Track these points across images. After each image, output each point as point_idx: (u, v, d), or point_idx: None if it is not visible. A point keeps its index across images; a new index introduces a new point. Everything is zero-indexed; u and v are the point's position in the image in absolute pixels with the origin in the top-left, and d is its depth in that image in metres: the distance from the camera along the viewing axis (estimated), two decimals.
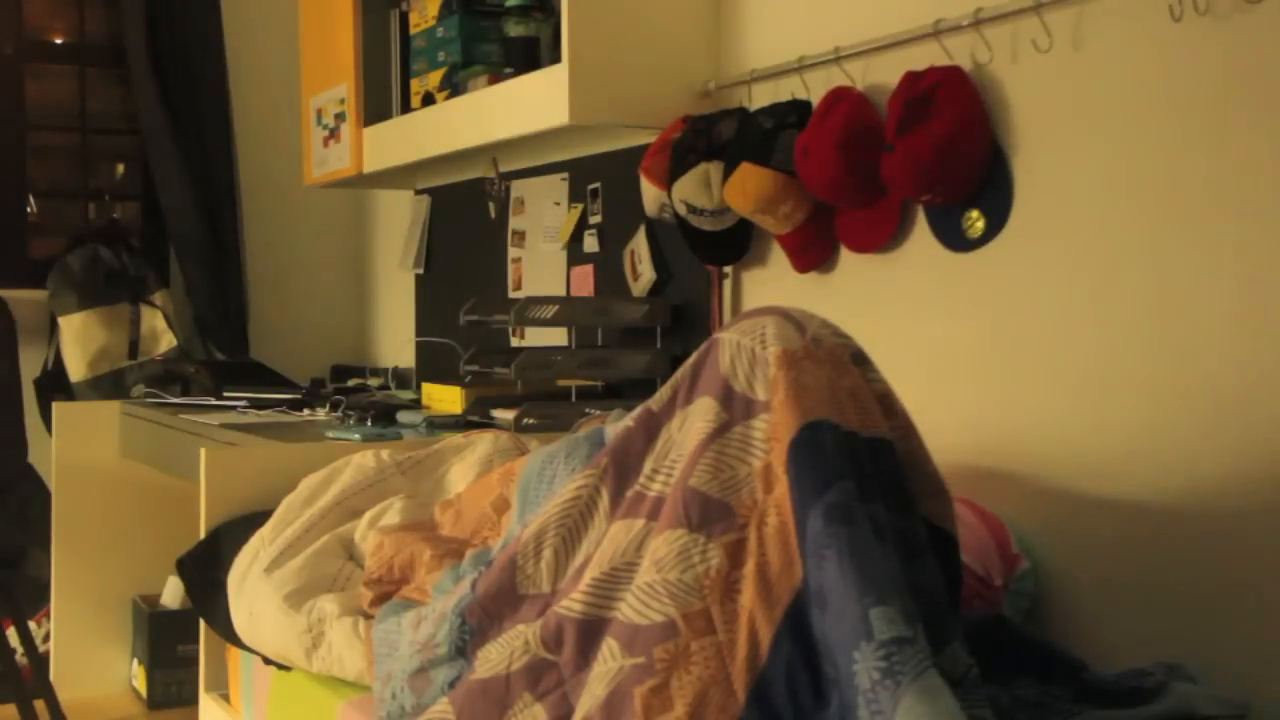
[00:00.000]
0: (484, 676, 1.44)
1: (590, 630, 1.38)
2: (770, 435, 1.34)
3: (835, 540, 1.24)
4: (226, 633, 2.12)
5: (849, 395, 1.37)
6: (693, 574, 1.31)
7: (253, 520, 2.20)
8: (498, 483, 1.88)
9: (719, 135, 2.39)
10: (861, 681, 1.17)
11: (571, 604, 1.40)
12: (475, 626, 1.52)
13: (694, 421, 1.42)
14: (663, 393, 1.50)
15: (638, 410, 1.53)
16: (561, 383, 2.81)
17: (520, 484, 1.75)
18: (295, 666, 1.96)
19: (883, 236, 2.18)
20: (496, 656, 1.44)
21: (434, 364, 3.74)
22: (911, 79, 2.03)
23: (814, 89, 2.35)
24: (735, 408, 1.38)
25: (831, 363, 1.39)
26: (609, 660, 1.32)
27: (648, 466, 1.46)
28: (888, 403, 1.42)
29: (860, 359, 1.43)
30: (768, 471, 1.33)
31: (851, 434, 1.33)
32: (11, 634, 3.42)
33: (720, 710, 1.25)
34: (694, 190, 2.37)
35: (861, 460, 1.32)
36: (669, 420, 1.47)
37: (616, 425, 1.67)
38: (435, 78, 3.08)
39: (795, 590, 1.27)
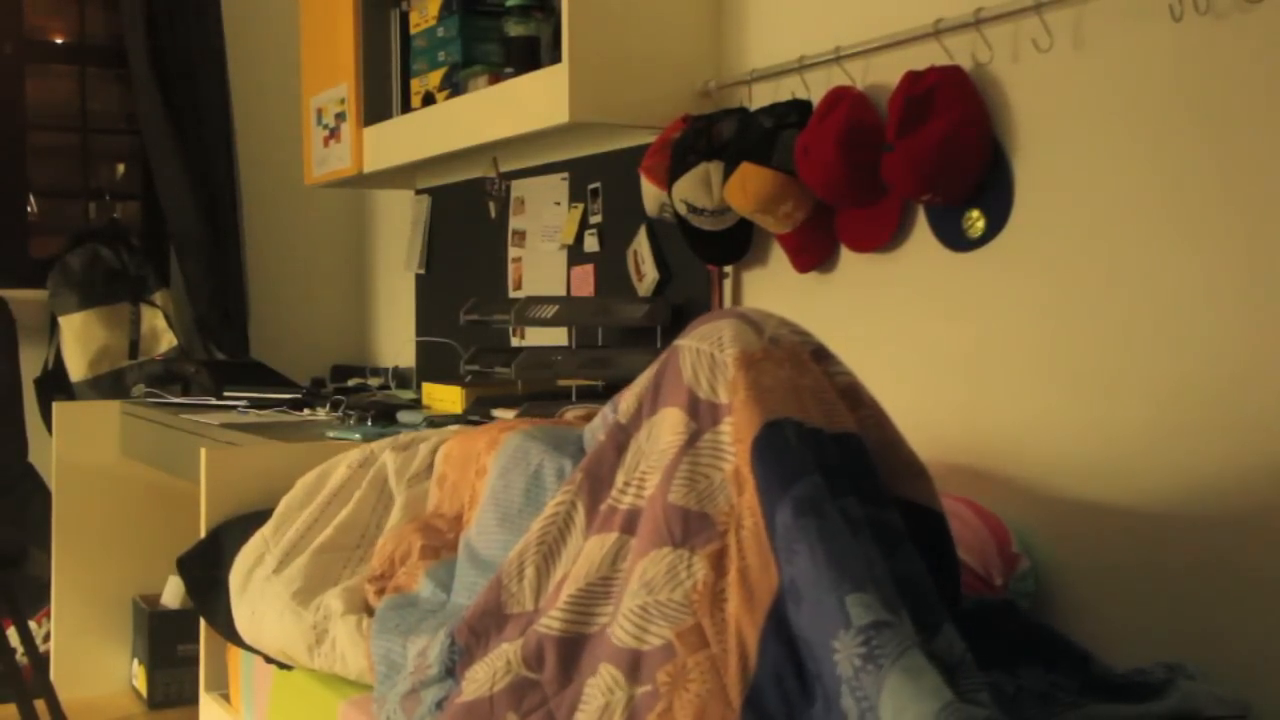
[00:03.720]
0: (469, 699, 1.44)
1: (570, 647, 1.38)
2: (736, 438, 1.34)
3: (805, 533, 1.24)
4: (227, 632, 2.12)
5: (811, 394, 1.37)
6: (681, 591, 1.31)
7: (253, 520, 2.20)
8: (484, 450, 1.89)
9: (719, 135, 2.39)
10: (844, 670, 1.16)
11: (550, 622, 1.40)
12: (463, 647, 1.53)
13: (662, 433, 1.42)
14: (629, 404, 1.51)
15: (608, 419, 1.54)
16: (561, 383, 2.81)
17: (492, 477, 1.77)
18: (297, 664, 1.97)
19: (883, 236, 2.19)
20: (481, 677, 1.44)
21: (434, 364, 3.74)
22: (912, 79, 2.03)
23: (814, 89, 2.35)
24: (702, 415, 1.38)
25: (791, 362, 1.39)
26: (616, 691, 1.32)
27: (619, 480, 1.46)
28: (854, 394, 1.42)
29: (821, 355, 1.43)
30: (738, 474, 1.33)
31: (817, 430, 1.33)
32: (11, 634, 3.42)
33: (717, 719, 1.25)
34: (694, 190, 2.37)
35: (828, 456, 1.32)
36: (636, 432, 1.48)
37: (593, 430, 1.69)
38: (435, 77, 3.08)
39: (775, 591, 1.27)
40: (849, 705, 1.15)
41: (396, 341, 4.05)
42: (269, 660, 2.03)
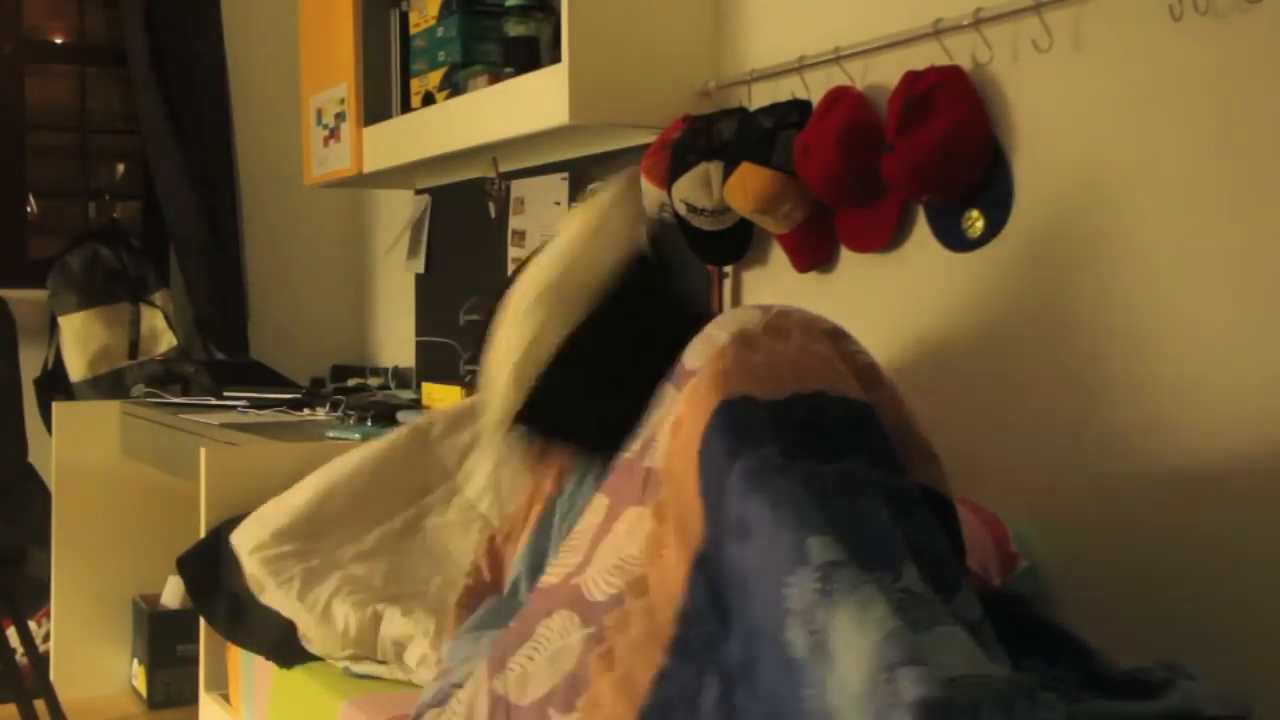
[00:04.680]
0: None
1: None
2: (690, 390, 1.35)
3: (765, 482, 1.23)
4: (227, 632, 2.12)
5: (817, 359, 1.38)
6: (637, 545, 1.33)
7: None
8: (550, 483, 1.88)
9: (719, 135, 2.39)
10: (796, 604, 1.15)
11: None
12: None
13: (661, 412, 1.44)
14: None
15: None
16: None
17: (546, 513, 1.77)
18: (327, 654, 1.96)
19: (883, 236, 2.19)
20: None
21: (434, 364, 3.74)
22: (911, 79, 2.03)
23: (814, 89, 2.35)
24: (680, 383, 1.41)
25: (801, 329, 1.40)
26: (572, 632, 1.33)
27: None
28: (872, 373, 1.44)
29: (837, 335, 1.45)
30: (678, 422, 1.34)
31: (819, 393, 1.34)
32: (11, 634, 3.42)
33: (647, 662, 1.26)
34: (694, 190, 2.37)
35: (833, 415, 1.33)
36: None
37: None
38: (435, 77, 3.08)
39: (701, 529, 1.27)
40: (796, 637, 1.14)
41: (396, 341, 4.05)
42: (270, 659, 2.03)
